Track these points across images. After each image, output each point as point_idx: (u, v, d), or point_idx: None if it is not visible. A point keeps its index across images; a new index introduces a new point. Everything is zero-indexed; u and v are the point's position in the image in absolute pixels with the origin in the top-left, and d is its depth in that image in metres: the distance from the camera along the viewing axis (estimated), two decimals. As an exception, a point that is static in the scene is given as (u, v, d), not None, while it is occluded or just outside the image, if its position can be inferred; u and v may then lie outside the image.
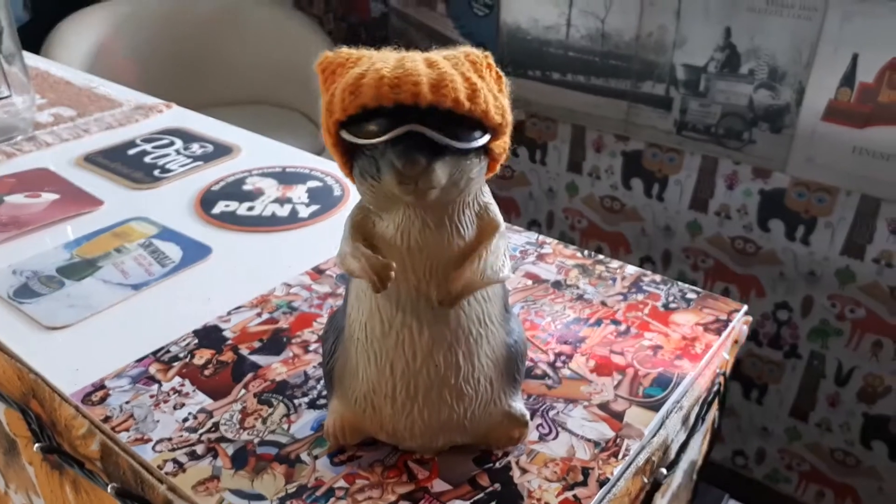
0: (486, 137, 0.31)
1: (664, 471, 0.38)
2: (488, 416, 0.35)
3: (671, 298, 0.48)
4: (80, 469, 0.39)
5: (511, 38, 1.56)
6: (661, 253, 1.51)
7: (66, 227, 0.55)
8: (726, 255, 1.40)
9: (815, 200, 1.28)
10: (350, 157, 0.31)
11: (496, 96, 0.31)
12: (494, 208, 0.34)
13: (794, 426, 1.42)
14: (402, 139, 0.28)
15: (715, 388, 0.44)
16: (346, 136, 0.30)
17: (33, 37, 1.62)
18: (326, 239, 0.55)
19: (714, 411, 0.47)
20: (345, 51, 0.32)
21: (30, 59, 0.95)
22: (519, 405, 0.36)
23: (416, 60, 0.30)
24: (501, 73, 0.32)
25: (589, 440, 0.37)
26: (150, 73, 1.65)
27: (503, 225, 0.34)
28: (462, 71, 0.30)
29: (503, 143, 0.33)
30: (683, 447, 0.41)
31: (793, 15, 1.21)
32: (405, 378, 0.33)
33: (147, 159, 0.66)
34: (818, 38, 1.18)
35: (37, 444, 0.39)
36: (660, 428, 0.39)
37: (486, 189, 0.34)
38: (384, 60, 0.30)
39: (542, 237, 0.55)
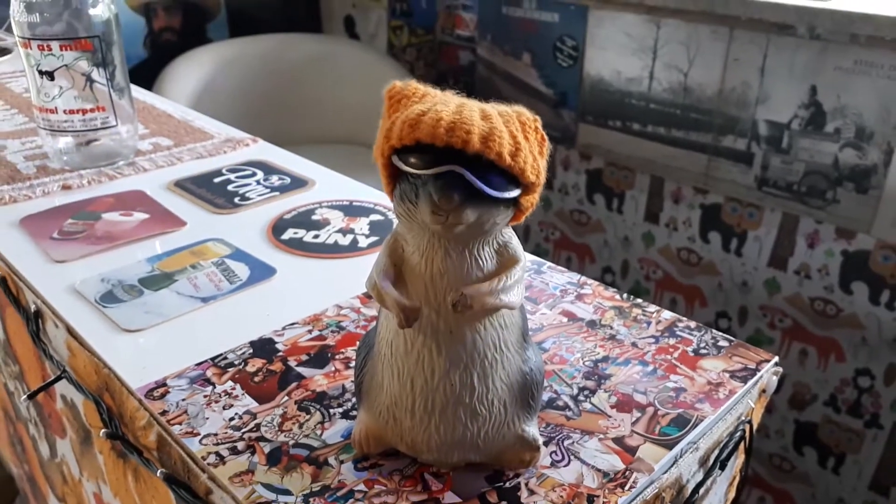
0: (518, 192, 0.34)
1: (675, 508, 0.39)
2: (501, 437, 0.38)
3: (702, 345, 0.49)
4: (138, 457, 0.44)
5: (593, 89, 1.59)
6: (738, 309, 1.48)
7: (151, 244, 0.62)
8: (805, 315, 1.37)
9: (901, 264, 1.23)
10: (395, 179, 0.35)
11: (536, 157, 0.34)
12: (515, 245, 0.37)
13: (874, 501, 1.34)
14: (444, 176, 0.32)
15: (738, 434, 0.44)
16: (396, 161, 0.34)
17: (149, 73, 1.77)
18: (381, 268, 0.58)
19: (740, 458, 0.47)
20: (412, 85, 0.36)
21: (140, 93, 1.05)
22: (532, 430, 0.38)
23: (473, 110, 0.33)
24: (545, 137, 0.36)
25: (599, 470, 0.39)
26: (247, 109, 1.76)
27: (523, 259, 0.37)
28: (511, 129, 0.33)
29: (532, 199, 0.36)
30: (699, 487, 0.42)
31: (882, 75, 1.19)
32: (423, 394, 0.36)
33: (230, 187, 0.72)
34: (907, 98, 1.16)
35: (102, 431, 0.44)
36: (672, 466, 0.40)
37: (509, 228, 0.37)
38: (445, 103, 0.33)
39: (583, 278, 0.57)
